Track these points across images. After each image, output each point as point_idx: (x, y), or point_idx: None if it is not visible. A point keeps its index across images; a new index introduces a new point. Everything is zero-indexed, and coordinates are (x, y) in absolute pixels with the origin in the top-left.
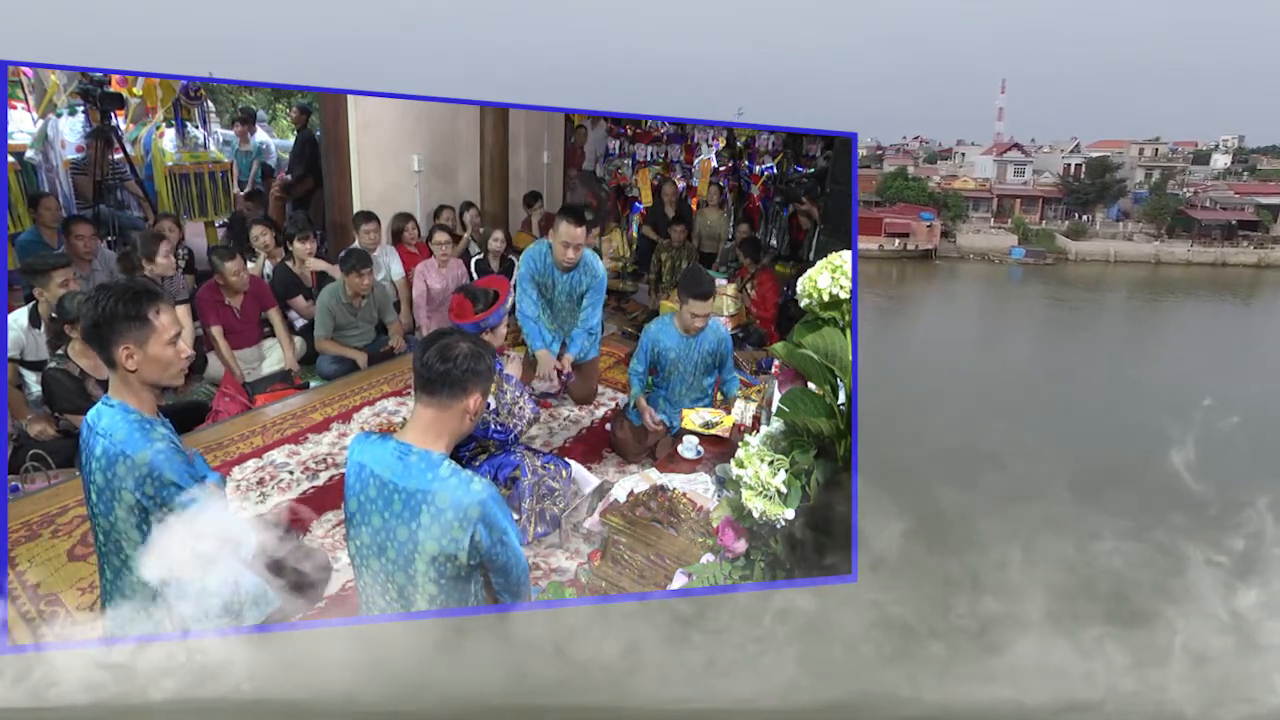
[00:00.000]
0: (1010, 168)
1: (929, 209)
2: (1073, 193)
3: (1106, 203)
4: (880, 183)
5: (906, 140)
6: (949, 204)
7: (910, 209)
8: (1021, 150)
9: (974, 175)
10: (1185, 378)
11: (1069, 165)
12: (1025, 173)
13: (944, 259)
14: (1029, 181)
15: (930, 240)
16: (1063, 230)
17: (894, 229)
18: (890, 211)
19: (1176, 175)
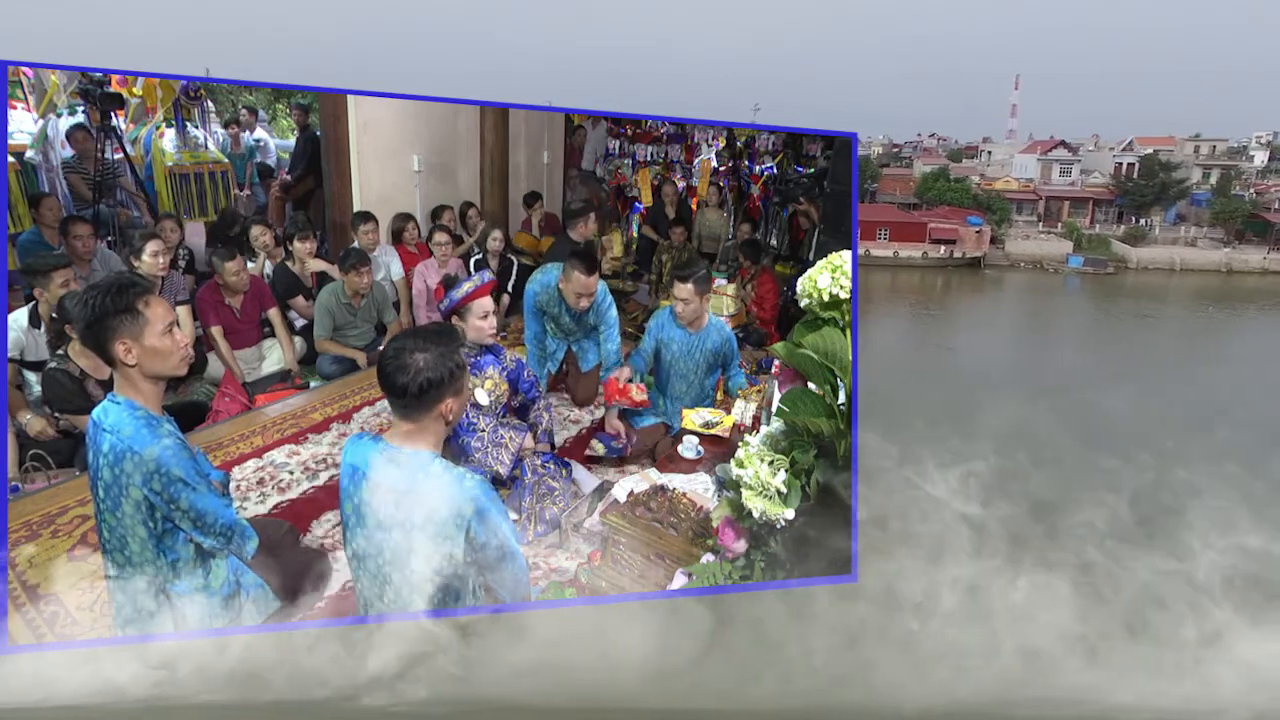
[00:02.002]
0: (1055, 167)
1: (974, 212)
2: (1126, 194)
3: (1164, 205)
4: (918, 184)
5: (922, 138)
6: (992, 207)
7: (955, 213)
8: (1068, 148)
9: (1015, 175)
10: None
11: (1120, 164)
12: (1072, 172)
13: (992, 267)
14: (1076, 182)
15: (979, 247)
16: (1118, 235)
17: (939, 234)
18: (932, 215)
19: (1242, 175)
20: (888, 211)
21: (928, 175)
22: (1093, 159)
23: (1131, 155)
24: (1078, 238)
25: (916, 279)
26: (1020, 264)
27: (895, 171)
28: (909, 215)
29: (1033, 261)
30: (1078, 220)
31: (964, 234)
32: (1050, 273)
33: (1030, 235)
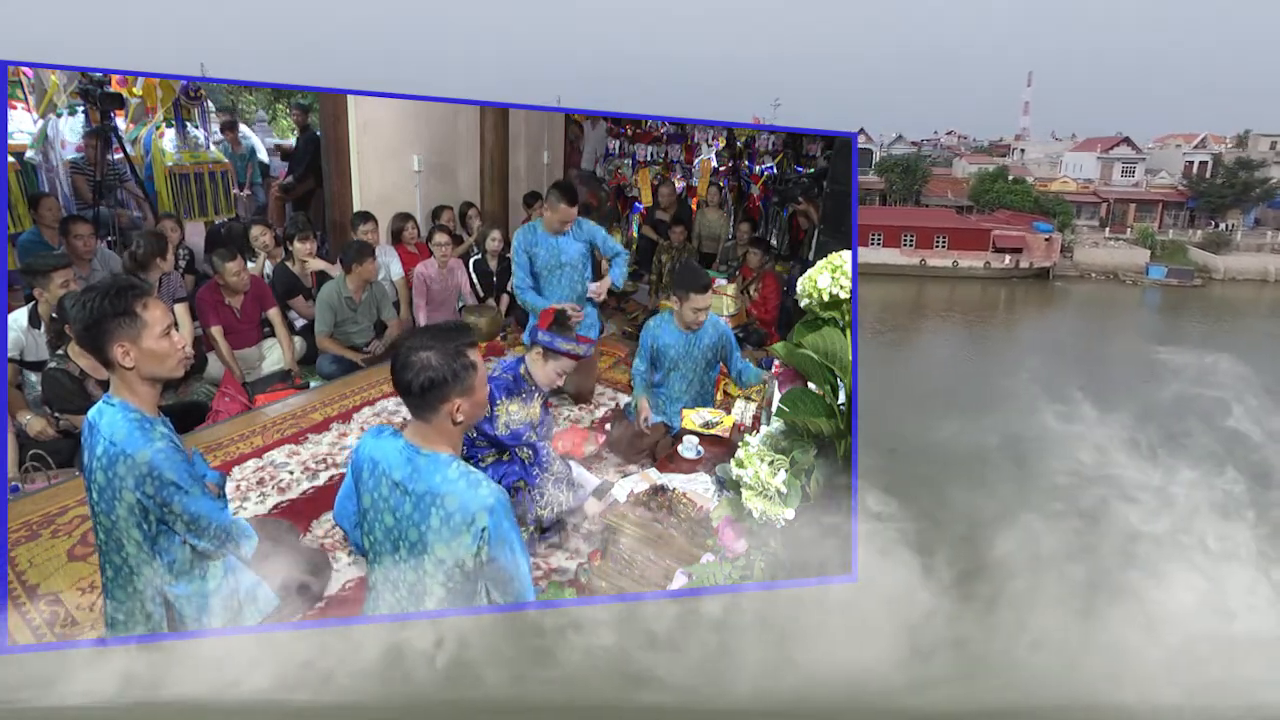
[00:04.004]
0: (1117, 166)
1: (1039, 217)
2: (1201, 195)
3: (1244, 208)
4: (972, 185)
5: (939, 135)
6: (1053, 210)
7: (1018, 218)
8: (1131, 146)
9: (1069, 174)
10: None
11: (1191, 163)
12: (1135, 172)
13: (1060, 278)
14: (1140, 182)
15: (1049, 256)
16: (1195, 241)
17: (1004, 243)
18: (992, 220)
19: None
20: (946, 217)
21: (985, 176)
22: (1158, 157)
23: (1204, 153)
24: (1153, 245)
25: (978, 291)
26: (1090, 274)
27: (947, 176)
28: (968, 220)
29: (1107, 272)
30: (1147, 224)
31: (1031, 242)
32: (1127, 284)
33: (1098, 242)
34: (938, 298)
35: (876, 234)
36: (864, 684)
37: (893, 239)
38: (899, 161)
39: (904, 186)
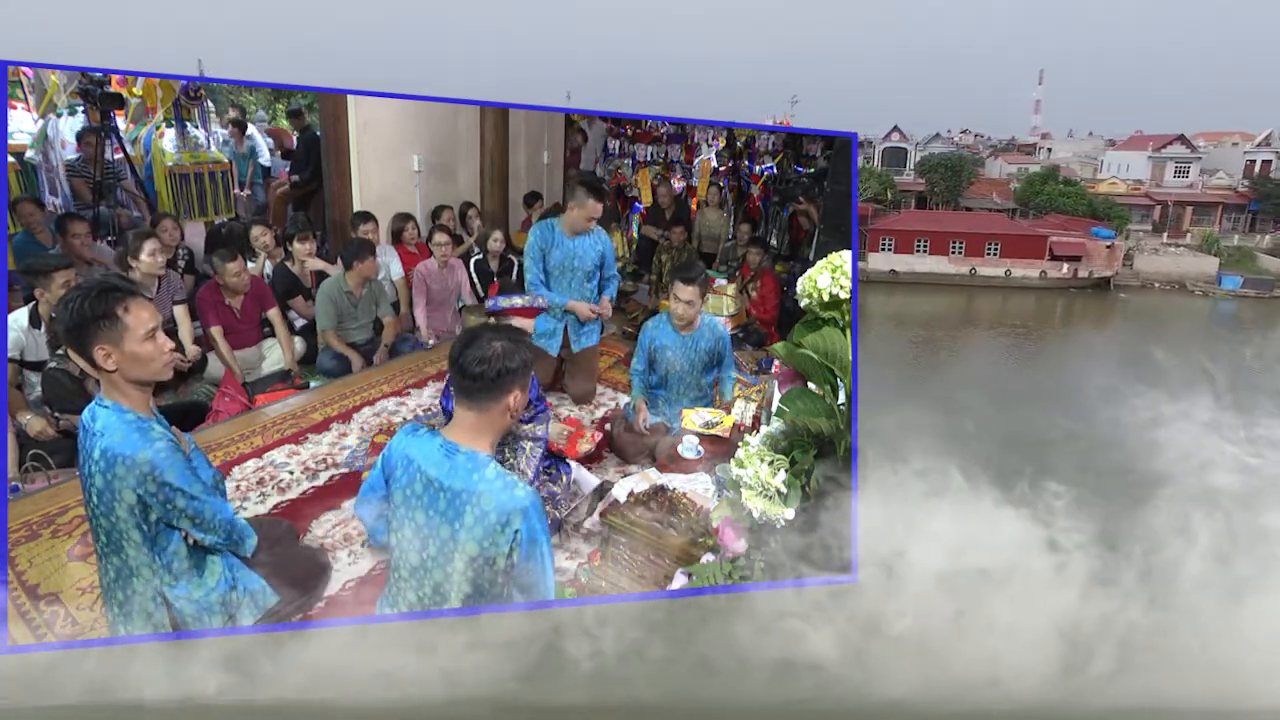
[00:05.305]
0: (1170, 166)
1: (1097, 222)
2: (1267, 198)
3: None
4: (1020, 187)
5: (952, 133)
6: (1108, 214)
7: (1073, 222)
8: (1187, 144)
9: (1115, 175)
10: None
11: (1254, 162)
12: (1189, 172)
13: (1120, 288)
14: (1195, 184)
15: (1110, 265)
16: (1263, 247)
17: (1063, 250)
18: (1047, 225)
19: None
20: (998, 222)
21: (1034, 177)
22: (1215, 156)
23: (1268, 151)
24: (1219, 251)
25: (1032, 302)
26: (1154, 284)
27: (995, 179)
28: (1020, 225)
29: (1173, 281)
30: (1209, 229)
31: (1092, 249)
32: (1196, 295)
33: (1159, 249)
34: (988, 310)
35: (923, 240)
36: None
37: (940, 246)
38: (942, 161)
39: (948, 188)
